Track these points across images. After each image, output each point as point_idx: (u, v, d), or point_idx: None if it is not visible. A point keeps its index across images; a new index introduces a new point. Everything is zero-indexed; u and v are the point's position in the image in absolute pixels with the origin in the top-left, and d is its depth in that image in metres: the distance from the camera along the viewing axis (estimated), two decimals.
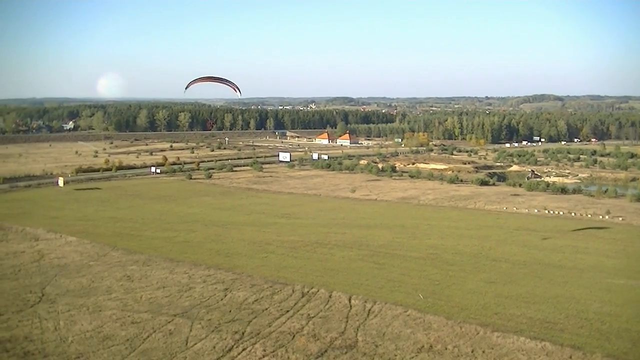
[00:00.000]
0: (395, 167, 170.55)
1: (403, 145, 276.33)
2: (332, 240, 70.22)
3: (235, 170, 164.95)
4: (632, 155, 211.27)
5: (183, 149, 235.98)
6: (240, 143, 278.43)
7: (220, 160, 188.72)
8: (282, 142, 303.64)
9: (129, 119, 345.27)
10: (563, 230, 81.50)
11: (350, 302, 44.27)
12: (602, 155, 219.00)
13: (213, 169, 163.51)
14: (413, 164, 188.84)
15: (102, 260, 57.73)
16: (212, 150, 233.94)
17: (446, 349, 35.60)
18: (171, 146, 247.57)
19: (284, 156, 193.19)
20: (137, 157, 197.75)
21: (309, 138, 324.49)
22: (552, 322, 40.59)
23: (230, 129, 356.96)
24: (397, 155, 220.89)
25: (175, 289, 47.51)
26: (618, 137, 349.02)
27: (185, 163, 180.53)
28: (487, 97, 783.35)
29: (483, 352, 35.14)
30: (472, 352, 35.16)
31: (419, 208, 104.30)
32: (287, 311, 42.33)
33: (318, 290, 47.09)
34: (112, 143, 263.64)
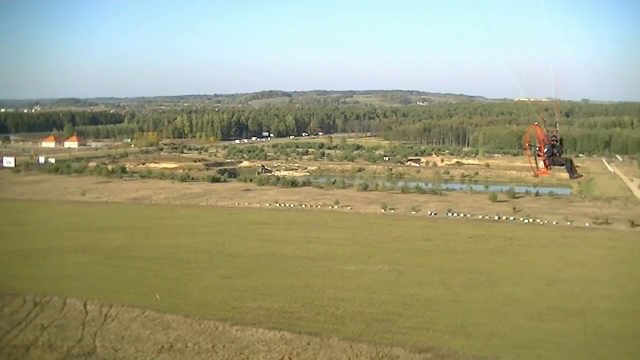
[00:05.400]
0: (126, 168, 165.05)
1: (133, 146, 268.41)
2: (65, 246, 66.52)
3: None
4: (358, 147, 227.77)
5: None
6: None
7: None
8: (5, 146, 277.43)
9: None
10: (295, 222, 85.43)
11: (85, 307, 42.55)
12: (329, 148, 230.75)
13: None
14: (143, 164, 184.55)
15: None
16: None
17: (187, 347, 35.44)
18: None
19: (8, 161, 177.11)
20: None
21: (35, 142, 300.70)
22: (289, 312, 42.38)
23: None
24: (127, 156, 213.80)
25: None
26: (344, 130, 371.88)
27: None
28: (216, 94, 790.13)
29: (223, 346, 35.46)
30: (213, 347, 35.34)
31: (152, 208, 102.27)
32: (19, 323, 39.60)
33: (51, 299, 44.43)
34: None
